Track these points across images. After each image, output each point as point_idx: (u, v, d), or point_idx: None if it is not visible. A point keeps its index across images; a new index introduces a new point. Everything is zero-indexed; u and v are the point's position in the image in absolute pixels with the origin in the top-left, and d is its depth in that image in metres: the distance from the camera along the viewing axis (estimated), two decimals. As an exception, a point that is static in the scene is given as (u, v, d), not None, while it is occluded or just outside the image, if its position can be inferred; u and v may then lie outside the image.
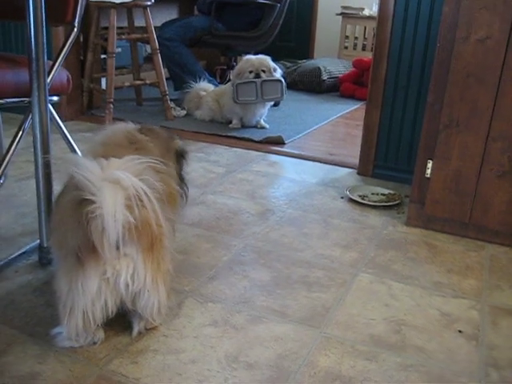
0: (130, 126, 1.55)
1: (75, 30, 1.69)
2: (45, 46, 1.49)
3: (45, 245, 1.65)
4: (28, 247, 1.73)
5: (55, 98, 1.73)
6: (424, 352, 1.37)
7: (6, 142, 1.70)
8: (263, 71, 3.33)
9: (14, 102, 1.65)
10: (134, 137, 1.50)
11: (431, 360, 1.34)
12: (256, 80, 3.28)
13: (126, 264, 1.21)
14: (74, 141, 1.93)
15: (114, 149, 1.39)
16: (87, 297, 1.19)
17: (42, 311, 1.43)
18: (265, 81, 3.29)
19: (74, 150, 1.91)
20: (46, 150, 1.56)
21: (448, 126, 1.91)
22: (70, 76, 1.80)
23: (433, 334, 1.44)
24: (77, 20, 1.69)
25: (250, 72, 3.32)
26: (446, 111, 1.90)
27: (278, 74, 3.39)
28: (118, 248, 1.18)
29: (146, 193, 1.18)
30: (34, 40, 1.47)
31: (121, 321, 1.39)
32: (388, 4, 2.39)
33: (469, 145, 1.89)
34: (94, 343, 1.30)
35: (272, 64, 3.38)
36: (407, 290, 1.64)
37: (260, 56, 3.40)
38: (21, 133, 1.64)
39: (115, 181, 1.16)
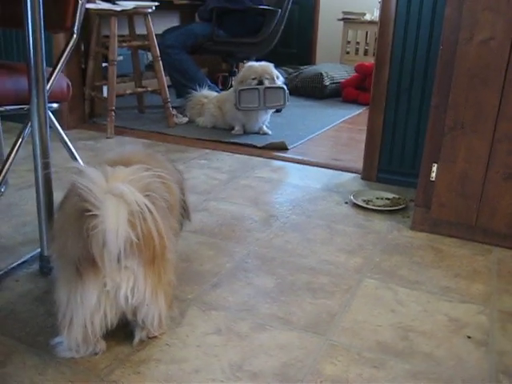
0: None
1: (74, 36, 1.68)
2: (43, 53, 1.48)
3: (45, 254, 1.63)
4: (29, 256, 1.71)
5: (55, 105, 1.72)
6: (432, 359, 1.34)
7: (7, 151, 1.68)
8: (266, 78, 3.32)
9: (13, 110, 1.63)
10: (150, 154, 1.51)
11: (440, 367, 1.31)
12: (259, 87, 3.27)
13: (126, 277, 1.18)
14: (76, 149, 1.91)
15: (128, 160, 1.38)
16: (86, 309, 1.17)
17: (42, 321, 1.40)
18: (267, 88, 3.29)
19: (75, 158, 1.89)
20: (45, 157, 1.54)
21: (453, 128, 1.88)
22: (69, 83, 1.79)
23: (441, 340, 1.41)
24: (76, 26, 1.68)
25: (253, 79, 3.30)
26: (451, 113, 1.87)
27: (281, 81, 3.39)
28: (118, 261, 1.16)
29: (149, 209, 1.16)
30: (33, 47, 1.45)
31: (122, 330, 1.37)
32: (390, 7, 2.38)
33: (474, 147, 1.87)
34: (95, 354, 1.27)
35: (275, 71, 3.37)
36: (414, 296, 1.61)
37: (263, 63, 3.40)
38: (20, 140, 1.62)
39: (119, 194, 1.14)
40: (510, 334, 1.45)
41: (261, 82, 3.29)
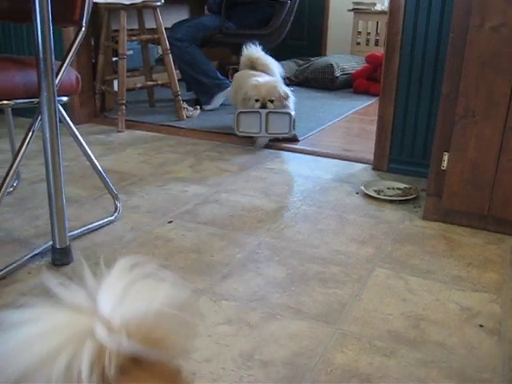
0: None
1: (83, 29, 1.68)
2: (52, 46, 1.48)
3: (57, 246, 1.65)
4: (41, 249, 1.72)
5: (65, 99, 1.73)
6: (444, 347, 1.33)
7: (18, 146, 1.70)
8: (271, 101, 2.87)
9: (23, 103, 1.64)
10: None
11: (452, 355, 1.30)
12: (260, 111, 2.83)
13: None
14: (88, 143, 1.92)
15: None
16: None
17: (54, 312, 1.41)
18: (271, 112, 2.85)
19: (85, 151, 1.90)
20: (55, 149, 1.55)
21: (464, 116, 1.86)
22: (79, 76, 1.80)
23: (453, 329, 1.40)
24: (84, 20, 1.68)
25: (256, 100, 2.88)
26: (462, 102, 1.86)
27: (291, 100, 2.95)
28: None
29: None
30: (42, 40, 1.47)
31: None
32: (399, -5, 2.36)
33: (486, 135, 1.85)
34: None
35: (282, 90, 2.92)
36: (425, 285, 1.61)
37: (269, 81, 2.96)
38: (30, 134, 1.63)
39: None
40: (522, 322, 1.44)
41: (264, 106, 2.86)
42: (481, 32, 1.77)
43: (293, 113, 2.86)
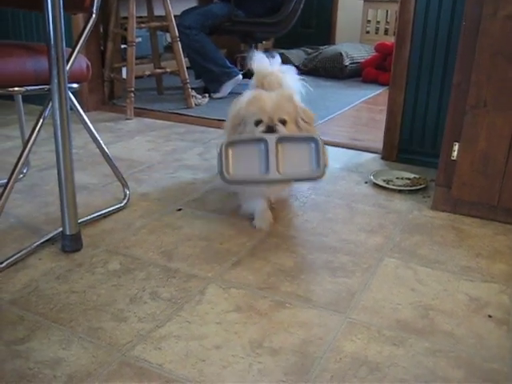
0: None
1: (93, 16, 1.68)
2: (63, 33, 1.48)
3: (67, 232, 1.65)
4: (51, 235, 1.73)
5: (75, 86, 1.73)
6: (453, 337, 1.33)
7: (28, 133, 1.70)
8: (282, 122, 1.74)
9: (34, 90, 1.65)
10: None
11: (460, 345, 1.30)
12: (267, 137, 1.67)
13: None
14: (96, 130, 1.92)
15: None
16: None
17: (65, 298, 1.43)
18: (284, 139, 1.68)
19: (95, 138, 1.90)
20: (66, 136, 1.55)
21: (475, 106, 1.85)
22: (89, 63, 1.80)
23: (461, 319, 1.40)
24: (95, 6, 1.68)
25: (258, 123, 1.75)
26: (473, 91, 1.84)
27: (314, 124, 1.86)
28: None
29: None
30: (53, 26, 1.46)
31: (144, 307, 1.39)
32: (411, -17, 2.33)
33: (497, 126, 1.83)
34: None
35: (301, 107, 1.84)
36: (434, 275, 1.61)
37: (279, 93, 1.81)
38: (41, 121, 1.64)
39: None
40: (531, 313, 1.44)
41: (271, 129, 1.72)
42: (494, 20, 1.75)
43: (321, 138, 1.68)
